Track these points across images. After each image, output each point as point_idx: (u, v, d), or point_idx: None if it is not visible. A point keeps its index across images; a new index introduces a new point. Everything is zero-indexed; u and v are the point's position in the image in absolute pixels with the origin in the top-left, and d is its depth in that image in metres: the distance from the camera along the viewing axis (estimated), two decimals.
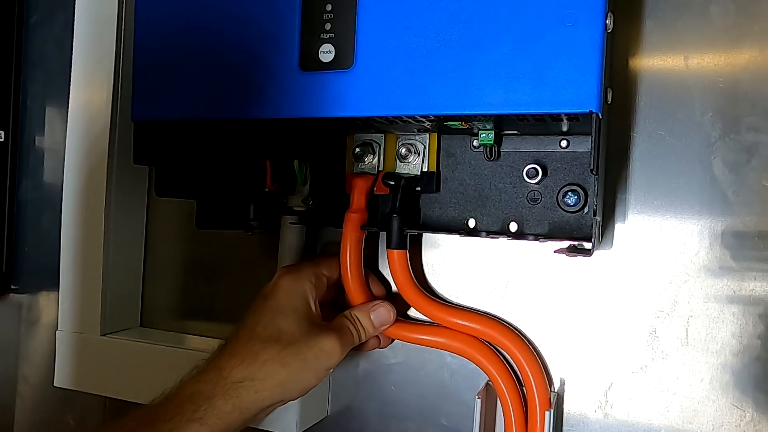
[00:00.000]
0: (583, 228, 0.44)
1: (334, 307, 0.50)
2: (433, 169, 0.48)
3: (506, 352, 0.47)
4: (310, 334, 0.44)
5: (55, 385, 0.60)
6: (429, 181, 0.48)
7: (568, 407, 0.48)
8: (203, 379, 0.42)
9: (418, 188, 0.48)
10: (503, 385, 0.46)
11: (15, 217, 0.70)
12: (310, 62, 0.43)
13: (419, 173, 0.48)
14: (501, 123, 0.43)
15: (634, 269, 0.46)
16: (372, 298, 0.49)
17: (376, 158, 0.49)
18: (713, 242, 0.44)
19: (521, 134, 0.46)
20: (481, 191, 0.48)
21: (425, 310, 0.49)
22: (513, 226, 0.47)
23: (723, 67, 0.44)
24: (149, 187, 0.63)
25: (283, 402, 0.45)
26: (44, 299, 0.69)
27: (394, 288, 0.51)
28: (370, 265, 0.53)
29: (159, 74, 0.47)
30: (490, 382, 0.47)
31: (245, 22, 0.45)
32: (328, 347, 0.44)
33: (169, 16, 0.47)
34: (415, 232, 0.49)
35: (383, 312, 0.48)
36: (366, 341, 0.48)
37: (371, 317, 0.47)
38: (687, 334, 0.45)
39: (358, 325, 0.47)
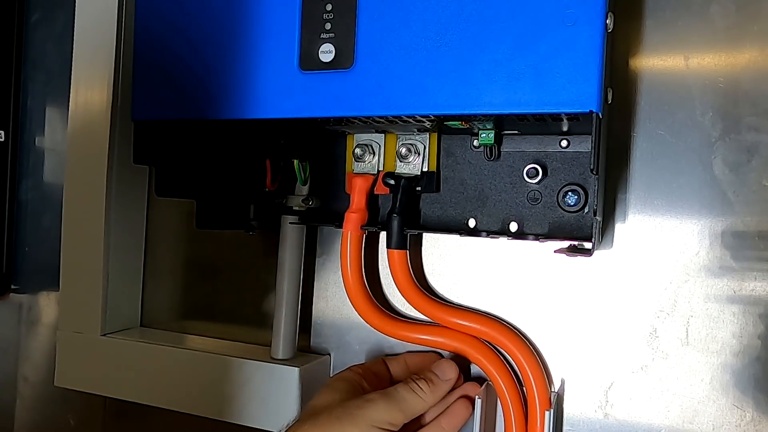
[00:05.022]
0: (583, 228, 0.44)
1: None
2: (433, 169, 0.48)
3: (506, 352, 0.47)
4: (350, 397, 0.43)
5: (55, 384, 0.60)
6: (429, 181, 0.48)
7: (568, 407, 0.48)
8: None
9: (419, 188, 0.48)
10: (503, 385, 0.46)
11: (15, 217, 0.70)
12: (310, 62, 0.43)
13: (419, 173, 0.48)
14: (501, 123, 0.43)
15: (634, 269, 0.46)
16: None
17: (376, 158, 0.49)
18: (713, 242, 0.44)
19: (521, 134, 0.46)
20: (481, 191, 0.48)
21: (425, 310, 0.49)
22: (513, 226, 0.47)
23: (723, 67, 0.44)
24: (149, 187, 0.63)
25: None
26: (44, 299, 0.69)
27: (394, 287, 0.51)
28: (372, 267, 0.53)
29: (159, 74, 0.47)
30: (490, 382, 0.47)
31: (245, 22, 0.45)
32: (369, 398, 0.42)
33: (168, 16, 0.47)
34: (415, 232, 0.49)
35: (444, 362, 0.46)
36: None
37: (431, 367, 0.45)
38: (687, 334, 0.45)
39: (410, 381, 0.44)
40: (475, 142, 0.47)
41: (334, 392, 0.43)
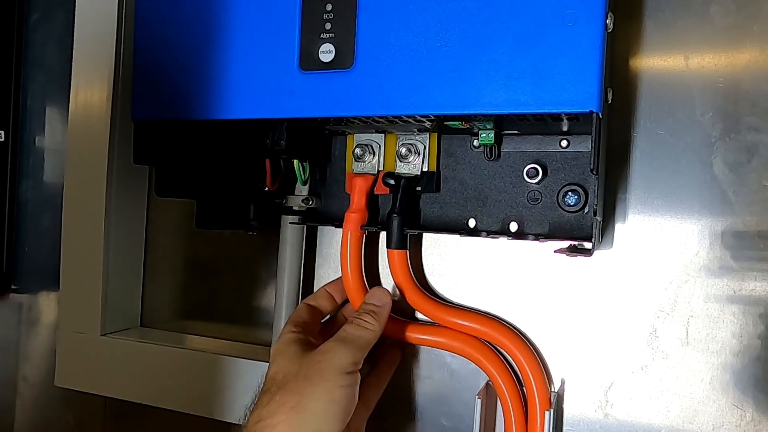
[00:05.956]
0: (583, 228, 0.44)
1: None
2: (434, 169, 0.48)
3: (506, 352, 0.47)
4: (305, 356, 0.42)
5: (55, 384, 0.60)
6: (429, 181, 0.48)
7: (568, 407, 0.48)
8: None
9: (419, 188, 0.48)
10: (503, 385, 0.46)
11: (15, 217, 0.70)
12: (310, 62, 0.43)
13: (419, 173, 0.48)
14: (501, 123, 0.43)
15: (634, 269, 0.46)
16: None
17: (376, 158, 0.49)
18: (713, 242, 0.44)
19: (521, 134, 0.46)
20: (481, 191, 0.48)
21: (425, 310, 0.49)
22: (513, 226, 0.47)
23: (723, 67, 0.44)
24: (149, 187, 0.63)
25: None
26: (44, 299, 0.69)
27: (393, 286, 0.51)
28: (372, 268, 0.53)
29: (159, 74, 0.47)
30: (490, 382, 0.47)
31: (245, 22, 0.45)
32: (325, 349, 0.42)
33: (168, 16, 0.47)
34: (415, 232, 0.49)
35: (374, 290, 0.47)
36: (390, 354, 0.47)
37: (366, 299, 0.46)
38: (687, 334, 0.45)
39: (353, 319, 0.45)
40: (475, 142, 0.47)
41: (288, 358, 0.42)
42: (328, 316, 0.51)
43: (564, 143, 0.45)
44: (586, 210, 0.44)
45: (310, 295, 0.51)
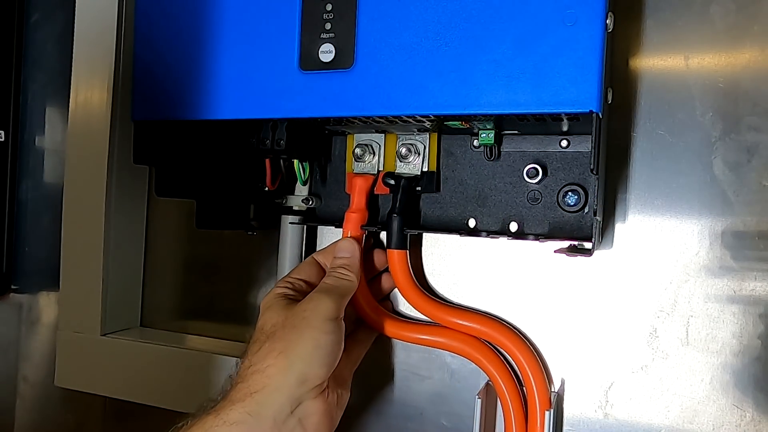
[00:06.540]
0: (583, 228, 0.44)
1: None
2: (434, 168, 0.48)
3: (506, 352, 0.47)
4: (292, 307, 0.43)
5: (55, 384, 0.60)
6: (429, 180, 0.48)
7: (568, 407, 0.48)
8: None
9: (419, 188, 0.48)
10: (503, 385, 0.46)
11: (15, 217, 0.70)
12: (310, 62, 0.43)
13: (419, 173, 0.48)
14: (501, 123, 0.43)
15: (634, 269, 0.46)
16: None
17: (376, 158, 0.49)
18: (713, 242, 0.44)
19: (521, 134, 0.46)
20: (481, 191, 0.48)
21: (425, 310, 0.49)
22: (513, 226, 0.47)
23: (723, 67, 0.44)
24: (149, 187, 0.63)
25: (308, 378, 0.41)
26: (44, 299, 0.69)
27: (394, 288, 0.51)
28: (369, 265, 0.53)
29: (159, 74, 0.48)
30: (490, 382, 0.47)
31: (245, 22, 0.45)
32: (309, 299, 0.43)
33: (169, 16, 0.47)
34: (416, 232, 0.49)
35: (341, 243, 0.48)
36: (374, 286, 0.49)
37: (335, 253, 0.47)
38: (687, 334, 0.45)
39: (331, 272, 0.46)
40: (475, 142, 0.47)
41: (276, 310, 0.44)
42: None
43: (564, 143, 0.45)
44: (586, 210, 0.44)
45: (320, 250, 0.51)
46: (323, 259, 0.49)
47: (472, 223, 0.48)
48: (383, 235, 0.51)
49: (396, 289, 0.51)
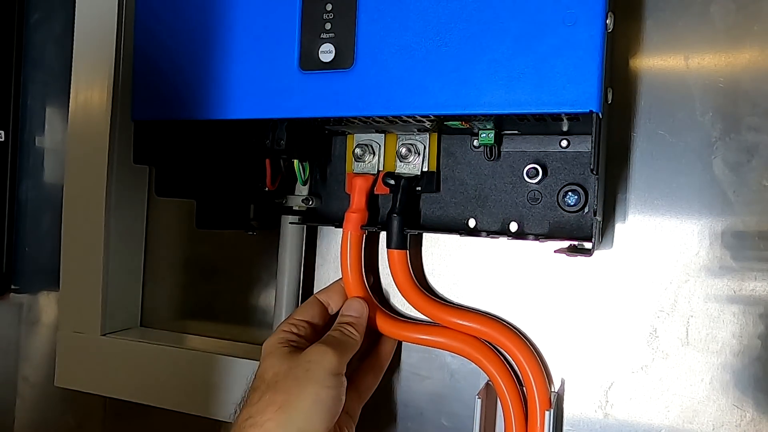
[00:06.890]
0: (583, 228, 0.44)
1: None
2: (434, 168, 0.48)
3: (506, 352, 0.47)
4: (295, 357, 0.43)
5: (55, 384, 0.60)
6: (429, 180, 0.48)
7: (568, 407, 0.48)
8: None
9: (419, 188, 0.48)
10: (503, 385, 0.46)
11: (15, 217, 0.70)
12: (310, 62, 0.43)
13: (419, 173, 0.48)
14: (501, 123, 0.43)
15: (634, 269, 0.46)
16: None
17: (376, 158, 0.49)
18: (713, 242, 0.44)
19: (521, 134, 0.46)
20: (481, 191, 0.48)
21: (425, 310, 0.49)
22: (513, 226, 0.47)
23: (723, 67, 0.44)
24: (149, 187, 0.63)
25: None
26: (44, 299, 0.69)
27: (394, 287, 0.51)
28: (372, 268, 0.53)
29: (159, 74, 0.47)
30: (490, 382, 0.47)
31: (245, 22, 0.45)
32: (314, 351, 0.43)
33: (169, 16, 0.47)
34: (415, 232, 0.49)
35: (351, 302, 0.48)
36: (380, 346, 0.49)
37: (343, 310, 0.48)
38: (687, 334, 0.45)
39: (337, 326, 0.46)
40: (475, 142, 0.47)
41: (278, 357, 0.43)
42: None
43: (564, 143, 0.45)
44: (586, 210, 0.44)
45: (322, 289, 0.51)
46: (326, 298, 0.49)
47: (472, 223, 0.48)
48: (383, 235, 0.51)
49: (396, 290, 0.50)
